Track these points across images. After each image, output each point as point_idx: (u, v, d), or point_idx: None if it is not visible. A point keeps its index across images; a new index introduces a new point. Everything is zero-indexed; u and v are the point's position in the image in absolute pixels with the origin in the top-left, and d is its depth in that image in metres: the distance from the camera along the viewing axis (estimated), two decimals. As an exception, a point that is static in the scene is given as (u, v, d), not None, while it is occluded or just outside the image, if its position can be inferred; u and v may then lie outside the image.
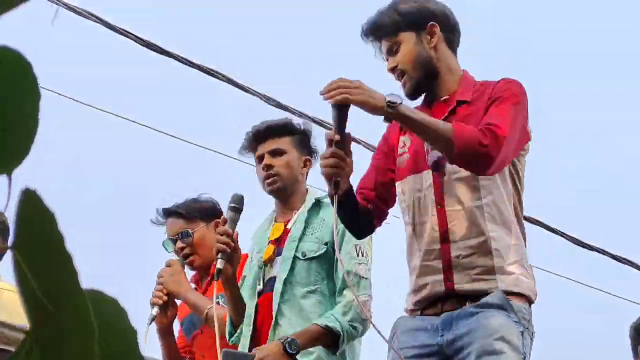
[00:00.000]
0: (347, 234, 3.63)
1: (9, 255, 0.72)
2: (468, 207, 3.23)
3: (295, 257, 3.79)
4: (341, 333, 3.60)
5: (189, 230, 4.50)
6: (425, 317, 3.27)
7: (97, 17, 5.88)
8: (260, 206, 4.25)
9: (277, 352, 3.53)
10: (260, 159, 3.97)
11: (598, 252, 8.11)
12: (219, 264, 3.71)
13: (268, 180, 3.92)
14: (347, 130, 3.16)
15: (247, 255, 4.07)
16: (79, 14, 5.72)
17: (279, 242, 3.89)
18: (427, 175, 3.30)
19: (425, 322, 3.25)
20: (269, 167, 3.90)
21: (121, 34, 6.02)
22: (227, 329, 3.90)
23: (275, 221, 4.00)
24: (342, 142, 3.14)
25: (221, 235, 3.76)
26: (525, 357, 3.12)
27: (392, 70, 3.39)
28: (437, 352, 3.18)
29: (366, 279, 3.73)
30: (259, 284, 3.84)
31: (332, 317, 3.62)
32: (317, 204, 3.92)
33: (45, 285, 0.63)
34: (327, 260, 3.79)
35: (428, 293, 3.26)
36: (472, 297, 3.20)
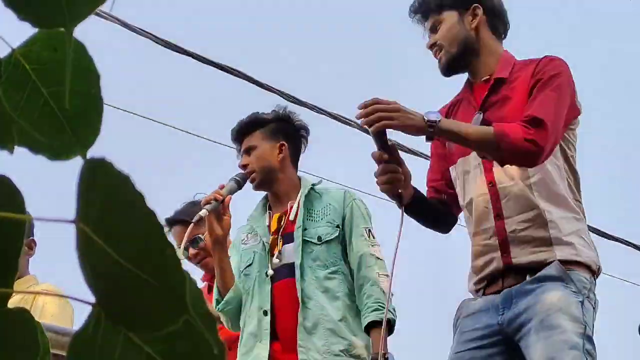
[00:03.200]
0: (355, 219, 3.86)
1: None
2: (519, 184, 3.25)
3: (307, 242, 3.88)
4: (395, 318, 3.77)
5: (199, 235, 4.53)
6: (488, 297, 3.27)
7: (113, 17, 5.90)
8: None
9: None
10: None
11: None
12: (202, 212, 3.82)
13: (249, 179, 4.02)
14: (390, 142, 3.24)
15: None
16: (97, 14, 5.74)
17: (279, 232, 3.96)
18: (474, 156, 3.34)
19: (487, 302, 3.25)
20: (244, 166, 4.01)
21: (139, 33, 6.04)
22: (214, 296, 3.97)
23: (270, 209, 4.07)
24: (390, 157, 3.23)
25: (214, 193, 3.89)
26: (586, 326, 3.08)
27: (431, 46, 3.48)
28: (498, 331, 3.19)
29: (382, 260, 3.86)
30: (270, 269, 3.91)
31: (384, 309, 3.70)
32: (313, 190, 4.03)
33: (128, 249, 0.64)
34: (341, 241, 3.92)
35: (488, 272, 3.28)
36: (532, 270, 3.19)
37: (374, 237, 3.90)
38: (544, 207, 3.22)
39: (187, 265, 4.56)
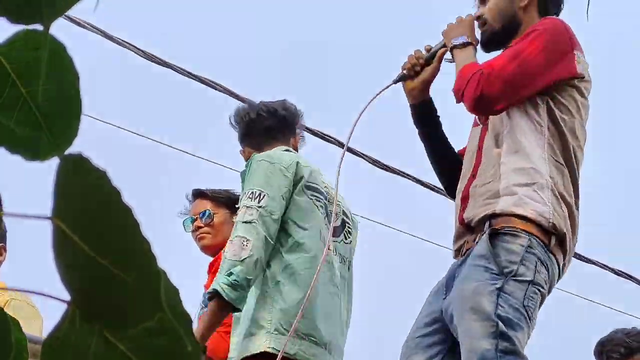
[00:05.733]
0: (247, 179, 3.73)
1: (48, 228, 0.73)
2: (492, 142, 3.20)
3: None
4: (219, 289, 3.49)
5: (212, 211, 4.57)
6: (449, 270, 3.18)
7: (97, 28, 5.88)
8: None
9: None
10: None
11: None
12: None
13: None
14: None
15: None
16: (80, 25, 5.72)
17: None
18: (479, 128, 3.32)
19: (440, 280, 3.17)
20: None
21: (121, 45, 6.02)
22: None
23: None
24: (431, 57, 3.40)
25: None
26: (498, 323, 2.86)
27: (477, 18, 3.41)
28: (438, 319, 3.09)
29: (243, 222, 3.63)
30: None
31: (214, 283, 3.55)
32: None
33: (104, 245, 0.64)
34: None
35: (454, 231, 3.23)
36: (480, 230, 3.07)
37: (251, 199, 3.73)
38: (503, 160, 3.13)
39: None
